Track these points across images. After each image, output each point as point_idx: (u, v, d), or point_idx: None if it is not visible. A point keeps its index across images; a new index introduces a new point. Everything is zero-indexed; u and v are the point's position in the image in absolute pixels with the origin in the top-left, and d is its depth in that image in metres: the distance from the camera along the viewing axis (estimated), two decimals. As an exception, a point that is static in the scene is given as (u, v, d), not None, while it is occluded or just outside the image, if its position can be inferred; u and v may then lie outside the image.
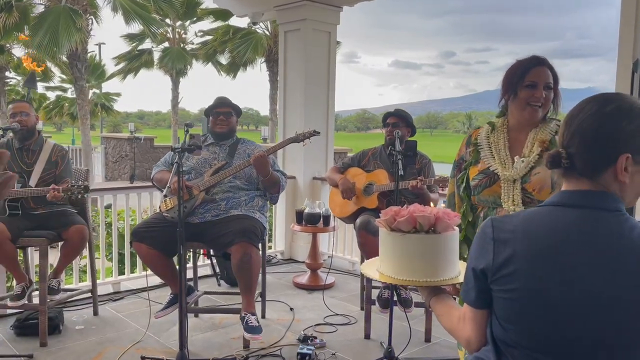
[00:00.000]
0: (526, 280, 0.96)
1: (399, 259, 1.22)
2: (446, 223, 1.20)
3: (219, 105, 3.27)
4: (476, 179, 1.84)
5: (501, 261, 0.99)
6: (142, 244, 2.99)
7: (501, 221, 1.04)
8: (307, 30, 4.88)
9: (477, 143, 1.88)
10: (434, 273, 1.21)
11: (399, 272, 1.22)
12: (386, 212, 1.25)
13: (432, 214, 1.20)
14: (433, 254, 1.21)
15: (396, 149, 2.90)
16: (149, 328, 3.25)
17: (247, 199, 3.08)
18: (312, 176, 5.02)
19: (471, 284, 1.06)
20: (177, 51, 15.43)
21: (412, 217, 1.19)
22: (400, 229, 1.21)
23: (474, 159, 1.88)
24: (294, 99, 5.03)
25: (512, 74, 1.79)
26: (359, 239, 3.14)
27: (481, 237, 1.05)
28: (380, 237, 1.28)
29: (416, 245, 1.20)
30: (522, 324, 0.97)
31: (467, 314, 1.09)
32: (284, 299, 3.93)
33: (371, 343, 3.20)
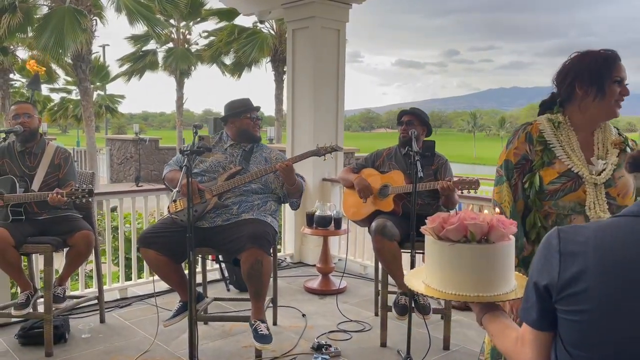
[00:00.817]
0: (599, 300, 0.83)
1: (447, 271, 1.10)
2: (501, 232, 1.07)
3: (255, 108, 3.18)
4: (556, 182, 1.63)
5: (569, 277, 0.86)
6: (149, 249, 2.88)
7: (569, 232, 0.91)
8: (316, 28, 4.77)
9: (548, 141, 1.67)
10: (486, 287, 1.08)
11: (447, 285, 1.10)
12: (433, 219, 1.13)
13: (485, 221, 1.07)
14: (486, 266, 1.08)
15: (413, 150, 2.78)
16: (157, 336, 3.14)
17: (260, 202, 2.97)
18: (322, 177, 4.90)
19: (532, 301, 0.93)
20: (182, 52, 15.32)
21: (463, 225, 1.07)
22: (449, 238, 1.09)
23: (547, 159, 1.66)
24: (303, 98, 4.91)
25: (598, 68, 1.60)
26: (374, 243, 3.02)
27: (545, 249, 0.92)
28: (427, 246, 1.16)
29: (467, 256, 1.08)
30: (593, 351, 0.85)
31: (527, 336, 0.96)
32: (295, 305, 3.82)
33: (388, 351, 3.08)
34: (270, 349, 2.84)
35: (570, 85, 1.65)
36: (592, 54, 1.64)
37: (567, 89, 1.66)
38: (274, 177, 3.08)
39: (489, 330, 1.09)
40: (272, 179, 3.07)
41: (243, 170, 3.01)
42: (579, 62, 1.65)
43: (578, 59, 1.65)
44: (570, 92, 1.66)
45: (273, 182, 3.08)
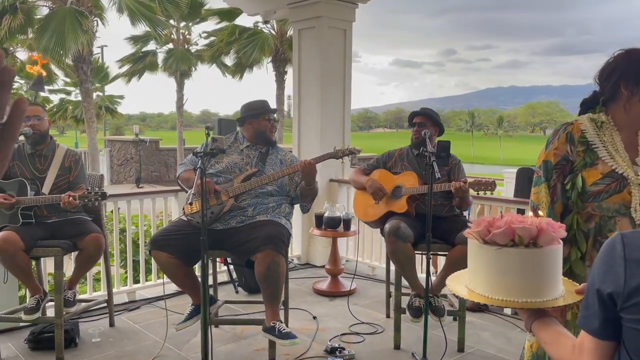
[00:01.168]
0: None
1: (494, 276, 1.06)
2: (550, 235, 1.04)
3: (273, 111, 3.16)
4: (600, 183, 1.59)
5: (635, 286, 0.83)
6: (161, 252, 2.84)
7: (634, 237, 0.88)
8: (323, 28, 4.74)
9: (590, 142, 1.63)
10: (535, 293, 1.05)
11: (493, 290, 1.07)
12: (478, 223, 1.09)
13: (534, 225, 1.04)
14: (534, 270, 1.05)
15: (428, 150, 2.75)
16: (167, 340, 3.11)
17: (274, 205, 2.94)
18: (329, 178, 4.87)
19: (594, 309, 0.90)
20: (182, 52, 15.25)
21: (510, 229, 1.04)
22: (496, 242, 1.05)
23: (589, 160, 1.63)
24: (310, 98, 4.88)
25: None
26: (388, 245, 2.99)
27: (608, 255, 0.89)
28: (471, 250, 1.12)
29: (514, 260, 1.05)
30: None
31: (587, 345, 0.93)
32: (305, 307, 3.79)
33: (402, 354, 3.05)
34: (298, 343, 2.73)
35: (615, 85, 1.60)
36: (638, 52, 1.59)
37: (612, 88, 1.62)
38: (289, 179, 3.06)
39: (541, 338, 1.06)
40: (287, 181, 3.05)
41: (259, 172, 2.98)
42: (624, 60, 1.60)
43: (623, 57, 1.61)
44: (614, 91, 1.61)
45: (288, 184, 3.05)
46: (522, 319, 1.14)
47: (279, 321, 2.75)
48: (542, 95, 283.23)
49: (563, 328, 1.05)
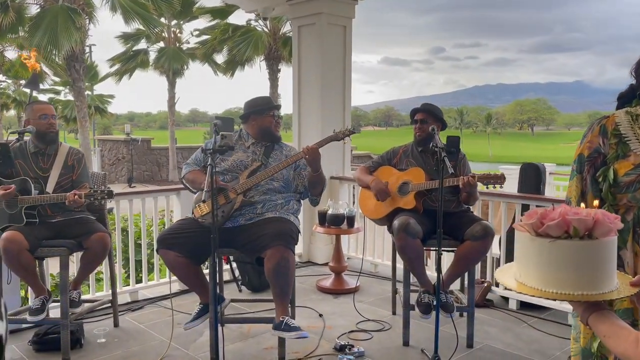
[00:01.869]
0: None
1: (547, 269, 1.05)
2: (607, 227, 1.03)
3: (276, 107, 3.12)
4: (631, 174, 1.59)
5: None
6: (170, 251, 2.81)
7: None
8: (323, 24, 4.72)
9: (622, 134, 1.64)
10: (591, 285, 1.04)
11: (546, 283, 1.05)
12: (530, 215, 1.08)
13: (590, 216, 1.03)
14: (590, 263, 1.04)
15: (439, 146, 2.75)
16: (174, 339, 3.08)
17: (283, 202, 2.92)
18: (330, 175, 4.85)
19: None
20: (174, 51, 15.16)
21: (565, 220, 1.02)
22: (549, 234, 1.04)
23: (621, 152, 1.63)
24: (310, 95, 4.86)
25: None
26: (397, 241, 2.97)
27: None
28: (521, 242, 1.11)
29: (570, 252, 1.03)
30: None
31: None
32: (310, 305, 3.77)
33: (411, 350, 3.05)
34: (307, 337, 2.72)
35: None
36: None
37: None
38: (295, 174, 3.03)
39: (600, 331, 1.05)
40: (292, 176, 3.02)
41: (263, 166, 2.96)
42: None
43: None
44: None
45: (295, 180, 3.03)
46: (577, 313, 1.13)
47: (289, 316, 2.73)
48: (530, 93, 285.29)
49: (622, 321, 1.04)
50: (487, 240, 2.92)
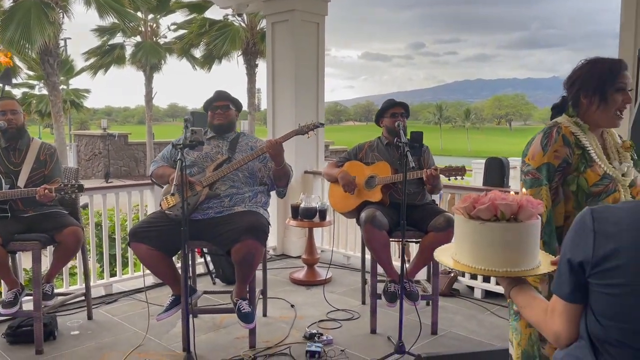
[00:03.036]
0: (633, 275, 0.91)
1: (478, 248, 1.17)
2: (530, 211, 1.15)
3: (216, 99, 3.17)
4: (599, 184, 1.67)
5: (603, 254, 0.94)
6: (141, 244, 2.87)
7: (602, 212, 0.98)
8: (296, 21, 4.79)
9: (583, 145, 1.69)
10: (515, 263, 1.16)
11: (477, 261, 1.17)
12: (465, 199, 1.20)
13: (515, 201, 1.15)
14: (515, 243, 1.16)
15: (402, 141, 2.86)
16: (148, 330, 3.15)
17: (251, 195, 3.00)
18: (304, 170, 4.95)
19: (565, 276, 1.01)
20: (151, 45, 15.04)
21: (494, 205, 1.14)
22: (480, 217, 1.15)
23: (587, 162, 1.68)
24: (284, 91, 4.94)
25: (602, 77, 1.65)
26: (364, 233, 3.08)
27: (579, 228, 0.99)
28: (457, 224, 1.22)
29: (497, 234, 1.15)
30: (626, 321, 0.92)
31: (558, 308, 1.04)
32: (283, 296, 3.86)
33: (378, 338, 3.16)
34: (251, 327, 2.91)
35: (576, 94, 1.70)
36: (598, 62, 1.68)
37: (574, 97, 1.71)
38: (261, 165, 3.11)
39: (518, 302, 1.16)
40: (258, 167, 3.10)
41: (229, 159, 3.04)
42: (586, 70, 1.68)
43: (586, 67, 1.69)
44: (576, 100, 1.71)
45: (260, 171, 3.10)
46: (502, 286, 1.24)
47: (242, 299, 2.90)
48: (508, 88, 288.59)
49: (537, 293, 1.16)
50: (450, 231, 3.04)
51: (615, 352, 0.93)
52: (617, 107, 1.66)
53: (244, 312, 2.84)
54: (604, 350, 0.95)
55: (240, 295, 2.92)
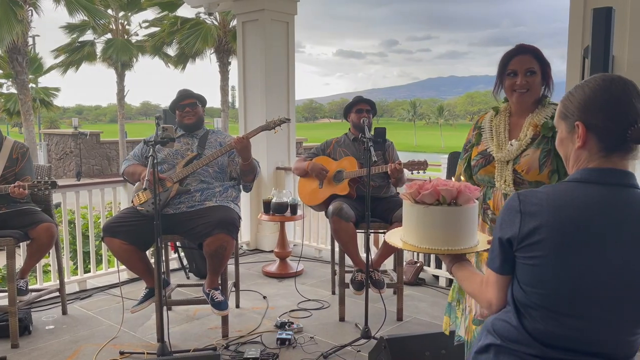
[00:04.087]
0: (551, 249, 1.05)
1: (422, 230, 1.31)
2: (467, 196, 1.29)
3: (183, 98, 3.25)
4: (475, 159, 1.96)
5: (527, 231, 1.08)
6: (114, 239, 2.95)
7: (527, 195, 1.12)
8: (266, 20, 4.89)
9: (481, 126, 1.98)
10: (455, 242, 1.30)
11: (422, 241, 1.31)
12: (410, 186, 1.33)
13: (455, 187, 1.29)
14: (455, 224, 1.29)
15: (367, 136, 3.00)
16: (123, 323, 3.22)
17: (221, 189, 3.10)
18: (276, 166, 5.06)
19: (496, 252, 1.15)
20: (122, 43, 14.89)
21: (436, 190, 1.28)
22: (424, 202, 1.29)
23: (476, 141, 1.98)
24: (255, 89, 5.03)
25: (499, 65, 1.90)
26: (332, 225, 3.21)
27: (508, 209, 1.13)
28: (404, 209, 1.36)
29: (439, 216, 1.29)
30: (544, 288, 1.07)
31: (491, 279, 1.18)
32: (255, 288, 3.98)
33: (347, 325, 3.30)
34: (226, 314, 3.02)
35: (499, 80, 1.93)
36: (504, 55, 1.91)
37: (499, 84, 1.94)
38: (229, 160, 3.21)
39: (458, 276, 1.31)
40: (227, 162, 3.20)
41: (199, 156, 3.14)
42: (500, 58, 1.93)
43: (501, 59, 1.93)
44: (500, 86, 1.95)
45: (229, 166, 3.21)
46: (444, 263, 1.39)
47: (215, 289, 3.01)
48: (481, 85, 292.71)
49: (475, 269, 1.31)
50: (413, 222, 3.20)
51: (535, 314, 1.09)
52: (511, 88, 1.88)
53: (217, 300, 2.95)
54: (526, 313, 1.10)
55: (212, 285, 3.02)
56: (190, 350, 2.91)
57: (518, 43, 1.93)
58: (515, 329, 1.11)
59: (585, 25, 3.04)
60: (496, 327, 1.16)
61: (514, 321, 1.12)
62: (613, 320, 1.05)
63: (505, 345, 1.13)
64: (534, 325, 1.09)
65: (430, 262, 4.17)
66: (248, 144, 3.05)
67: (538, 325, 1.08)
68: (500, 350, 1.14)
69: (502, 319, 1.15)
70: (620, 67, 2.95)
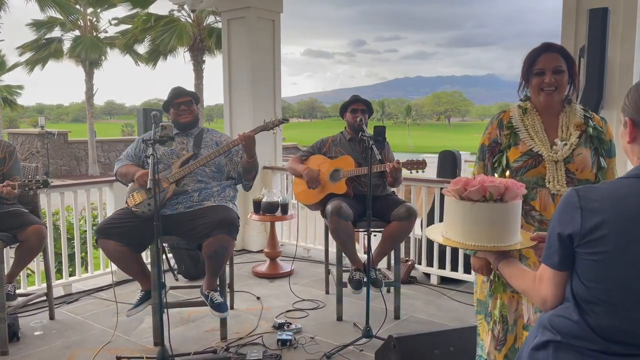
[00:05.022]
0: (615, 244, 1.06)
1: (468, 226, 1.30)
2: (515, 192, 1.29)
3: (178, 96, 3.17)
4: (519, 160, 1.88)
5: (590, 227, 1.08)
6: (109, 240, 2.87)
7: (586, 191, 1.13)
8: (252, 18, 4.84)
9: (513, 126, 1.92)
10: (501, 239, 1.30)
11: (467, 238, 1.30)
12: (456, 182, 1.33)
13: (502, 184, 1.29)
14: (501, 221, 1.29)
15: (367, 135, 2.99)
16: (116, 327, 3.13)
17: (219, 189, 3.04)
18: (263, 165, 5.00)
19: (555, 248, 1.15)
20: (91, 40, 14.49)
21: (483, 187, 1.28)
22: (470, 198, 1.28)
23: (512, 142, 1.90)
24: (241, 87, 4.97)
25: (525, 63, 1.88)
26: (330, 224, 3.19)
27: (566, 205, 1.13)
28: (448, 205, 1.35)
29: (486, 213, 1.29)
30: (608, 283, 1.07)
31: (546, 275, 1.18)
32: (247, 289, 3.93)
33: (345, 324, 3.29)
34: (226, 316, 2.97)
35: (525, 79, 1.93)
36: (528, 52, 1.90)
37: (525, 82, 1.94)
38: (227, 160, 3.15)
39: (506, 273, 1.31)
40: (224, 162, 3.14)
41: (195, 156, 3.07)
42: (526, 57, 1.91)
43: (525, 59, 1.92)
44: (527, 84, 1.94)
45: (226, 165, 3.15)
46: (490, 261, 1.38)
47: (214, 290, 2.95)
48: (447, 85, 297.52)
49: (524, 265, 1.31)
50: (411, 220, 3.21)
51: (598, 309, 1.09)
52: (539, 86, 1.87)
53: (217, 302, 2.89)
54: (588, 309, 1.11)
55: (211, 287, 2.96)
56: (190, 353, 2.85)
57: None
58: (577, 324, 1.12)
59: (579, 26, 3.12)
60: (554, 323, 1.16)
61: (575, 317, 1.12)
62: None
63: (566, 341, 1.13)
64: (596, 321, 1.09)
65: (422, 260, 4.20)
66: (254, 140, 3.01)
67: (601, 320, 1.09)
68: (560, 347, 1.14)
69: (561, 315, 1.15)
70: (612, 68, 3.03)
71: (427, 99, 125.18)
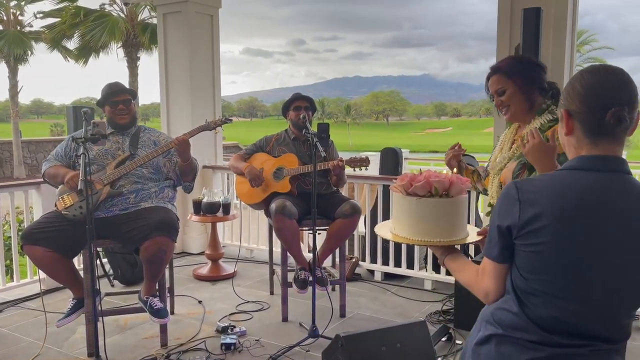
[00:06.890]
0: (552, 235, 1.06)
1: (414, 222, 1.28)
2: (460, 187, 1.27)
3: (115, 94, 2.99)
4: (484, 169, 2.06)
5: (527, 219, 1.08)
6: (36, 246, 2.68)
7: (524, 183, 1.13)
8: (189, 12, 4.68)
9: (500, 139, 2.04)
10: (448, 234, 1.28)
11: (413, 233, 1.28)
12: (402, 178, 1.30)
13: (447, 179, 1.26)
14: (447, 216, 1.28)
15: (310, 132, 2.95)
16: (45, 339, 2.93)
17: (157, 190, 2.90)
18: (203, 165, 4.86)
19: (495, 240, 1.14)
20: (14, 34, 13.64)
21: (428, 182, 1.25)
22: (416, 194, 1.26)
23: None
24: (179, 86, 4.81)
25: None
26: (275, 223, 3.12)
27: (506, 198, 1.13)
28: (395, 201, 1.32)
29: (431, 208, 1.27)
30: (545, 274, 1.08)
31: (488, 268, 1.17)
32: (188, 293, 3.79)
33: (290, 325, 3.23)
34: (167, 322, 2.87)
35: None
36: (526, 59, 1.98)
37: None
38: (165, 160, 3.02)
39: (452, 267, 1.29)
40: (162, 162, 3.01)
41: (132, 156, 2.92)
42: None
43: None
44: None
45: (165, 166, 3.02)
46: (437, 255, 1.37)
47: (153, 296, 2.83)
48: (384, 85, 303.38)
49: (468, 259, 1.30)
50: (356, 217, 3.20)
51: (537, 300, 1.10)
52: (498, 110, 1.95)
53: (156, 308, 2.77)
54: (527, 301, 1.11)
55: (150, 292, 2.83)
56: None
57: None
58: (517, 316, 1.12)
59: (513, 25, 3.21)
60: (496, 317, 1.16)
61: (515, 309, 1.13)
62: (613, 303, 1.09)
63: (507, 334, 1.13)
64: (535, 312, 1.10)
65: (366, 257, 4.21)
66: (189, 144, 2.89)
67: (540, 311, 1.10)
68: (502, 341, 1.14)
69: (502, 308, 1.15)
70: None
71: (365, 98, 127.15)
